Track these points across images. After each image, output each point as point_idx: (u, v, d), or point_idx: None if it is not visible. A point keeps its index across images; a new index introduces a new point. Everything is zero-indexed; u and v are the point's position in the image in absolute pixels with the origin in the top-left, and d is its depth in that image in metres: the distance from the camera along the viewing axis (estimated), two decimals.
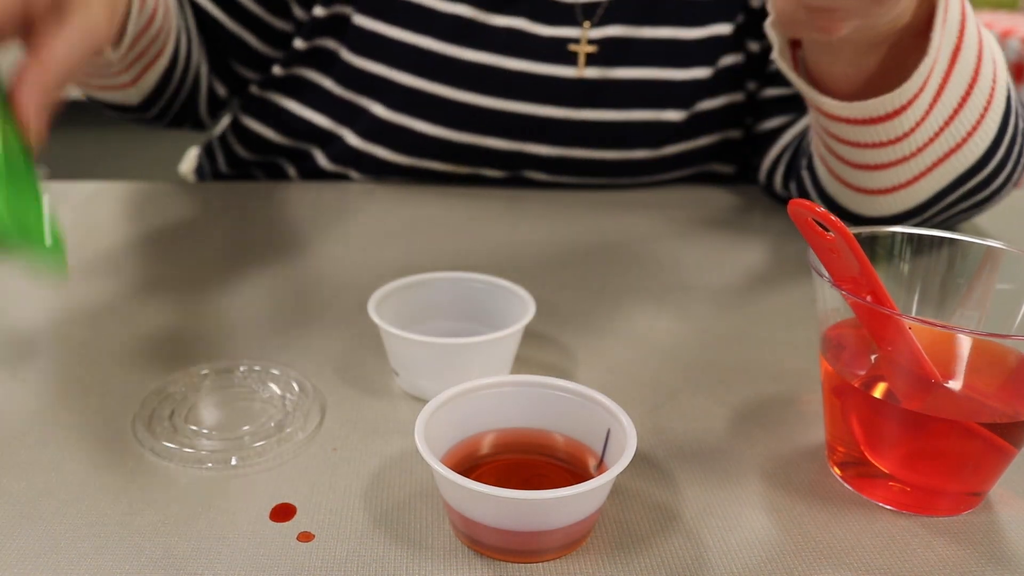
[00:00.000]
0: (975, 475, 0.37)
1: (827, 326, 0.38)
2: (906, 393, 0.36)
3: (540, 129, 0.71)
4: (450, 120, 0.71)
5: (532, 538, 0.33)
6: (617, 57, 0.70)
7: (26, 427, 0.41)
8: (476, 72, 0.69)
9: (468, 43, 0.69)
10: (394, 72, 0.70)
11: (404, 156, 0.74)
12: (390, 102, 0.71)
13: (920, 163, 0.54)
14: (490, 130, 0.71)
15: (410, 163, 0.74)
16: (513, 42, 0.69)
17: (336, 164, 0.75)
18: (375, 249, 0.63)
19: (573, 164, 0.74)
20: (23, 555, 0.33)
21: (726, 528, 0.36)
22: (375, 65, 0.70)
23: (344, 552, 0.34)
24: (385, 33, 0.69)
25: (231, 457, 0.39)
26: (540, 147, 0.73)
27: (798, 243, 0.66)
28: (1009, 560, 0.34)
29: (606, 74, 0.70)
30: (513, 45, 0.69)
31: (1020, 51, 1.56)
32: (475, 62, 0.69)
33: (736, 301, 0.56)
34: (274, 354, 0.48)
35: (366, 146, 0.74)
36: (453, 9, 0.68)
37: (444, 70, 0.69)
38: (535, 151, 0.73)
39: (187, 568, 0.33)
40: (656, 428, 0.42)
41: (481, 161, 0.74)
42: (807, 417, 0.44)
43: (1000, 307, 0.39)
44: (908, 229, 0.41)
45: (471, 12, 0.68)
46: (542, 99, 0.70)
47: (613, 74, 0.70)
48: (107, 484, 0.37)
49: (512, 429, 0.39)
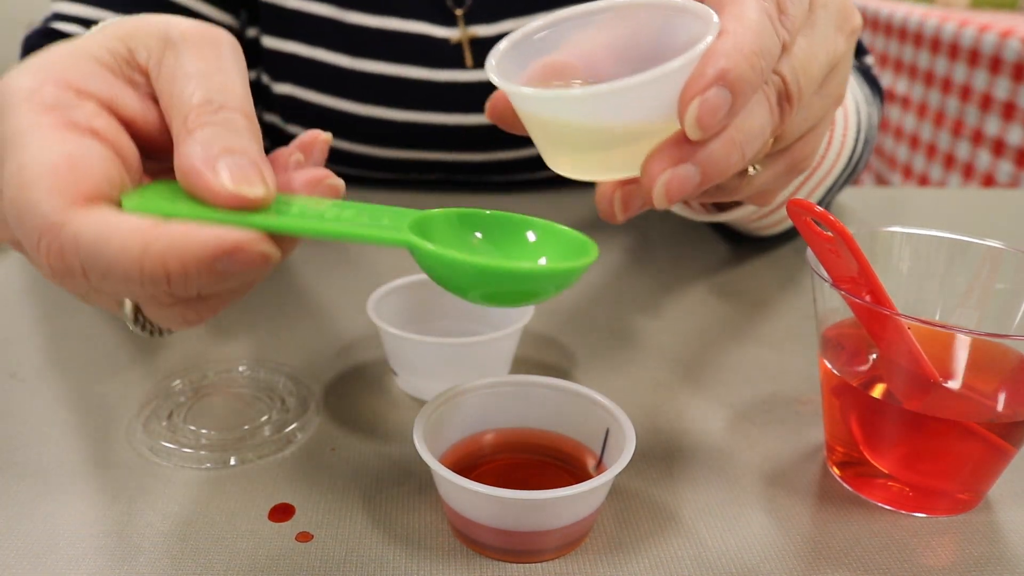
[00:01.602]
0: (975, 475, 0.37)
1: (826, 326, 0.38)
2: (905, 393, 0.36)
3: (450, 137, 0.71)
4: (361, 136, 0.71)
5: (531, 538, 0.33)
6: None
7: (26, 427, 0.41)
8: (378, 84, 0.69)
9: (371, 55, 0.68)
10: (299, 90, 0.70)
11: (345, 167, 0.75)
12: (305, 122, 0.71)
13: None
14: (394, 142, 0.72)
15: (355, 173, 0.75)
16: (411, 48, 0.68)
17: None
18: (374, 249, 0.63)
19: (499, 166, 0.74)
20: (23, 555, 0.33)
21: (725, 528, 0.36)
22: (283, 85, 0.70)
23: (343, 552, 0.34)
24: (290, 51, 0.68)
25: (230, 457, 0.39)
26: (454, 155, 0.73)
27: (797, 243, 0.66)
28: (1009, 560, 0.34)
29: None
30: (410, 51, 0.68)
31: (1020, 51, 1.55)
32: (379, 74, 0.68)
33: (736, 301, 0.56)
34: (273, 354, 0.48)
35: None
36: (350, 18, 0.67)
37: (349, 84, 0.69)
38: (453, 159, 0.73)
39: (186, 568, 0.33)
40: (655, 428, 0.42)
41: (414, 169, 0.75)
42: (807, 417, 0.44)
43: (1000, 307, 0.39)
44: (908, 229, 0.41)
45: (336, 13, 0.67)
46: (436, 106, 0.70)
47: None
48: (107, 484, 0.37)
49: (511, 429, 0.39)
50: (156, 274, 0.26)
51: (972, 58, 1.69)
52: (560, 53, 0.33)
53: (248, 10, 0.68)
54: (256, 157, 0.28)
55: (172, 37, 0.30)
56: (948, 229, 0.41)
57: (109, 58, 0.30)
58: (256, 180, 0.27)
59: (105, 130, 0.29)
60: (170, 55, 0.30)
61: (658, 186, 0.30)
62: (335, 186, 0.31)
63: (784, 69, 0.32)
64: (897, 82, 1.98)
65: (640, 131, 0.29)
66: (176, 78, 0.29)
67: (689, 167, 0.30)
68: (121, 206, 0.27)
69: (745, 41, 0.29)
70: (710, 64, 0.28)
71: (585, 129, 0.29)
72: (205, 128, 0.28)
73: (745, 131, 0.31)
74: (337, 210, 0.28)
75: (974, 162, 1.71)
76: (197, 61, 0.29)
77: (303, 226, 0.27)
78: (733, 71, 0.28)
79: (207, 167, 0.27)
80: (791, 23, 0.31)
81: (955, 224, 0.72)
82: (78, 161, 0.27)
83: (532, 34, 0.32)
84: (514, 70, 0.31)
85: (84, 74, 0.29)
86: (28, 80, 0.28)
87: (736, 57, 0.28)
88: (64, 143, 0.27)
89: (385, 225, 0.28)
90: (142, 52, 0.30)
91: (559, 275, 0.28)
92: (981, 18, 1.75)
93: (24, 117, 0.28)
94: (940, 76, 1.80)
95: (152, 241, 0.26)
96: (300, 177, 0.31)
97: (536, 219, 0.31)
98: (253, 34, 0.69)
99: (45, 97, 0.28)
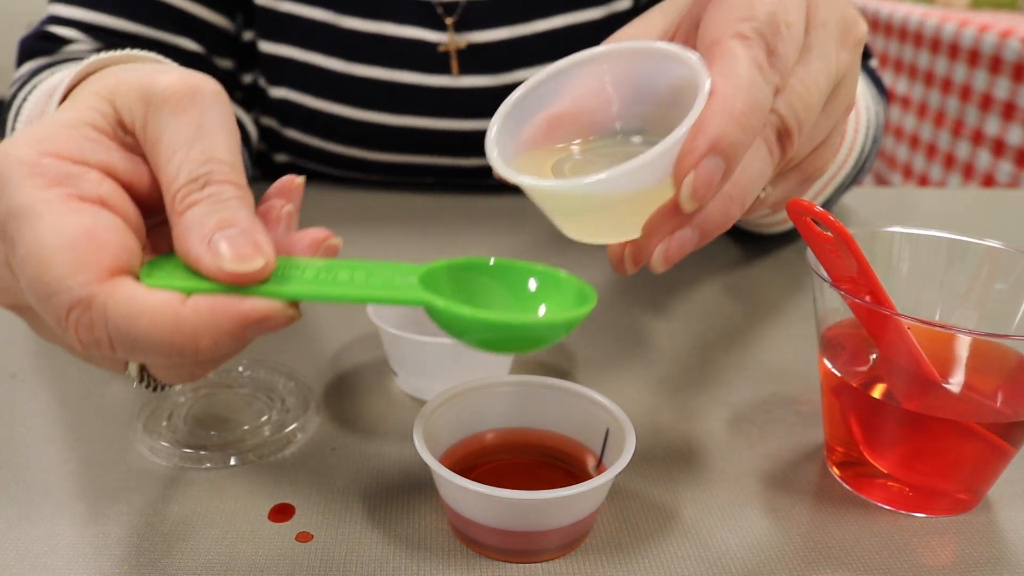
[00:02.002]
0: (974, 475, 0.37)
1: (826, 326, 0.38)
2: (905, 393, 0.36)
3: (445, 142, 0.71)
4: (357, 140, 0.71)
5: (531, 538, 0.33)
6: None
7: (26, 427, 0.41)
8: (373, 89, 0.69)
9: (366, 59, 0.68)
10: (295, 94, 0.70)
11: (341, 170, 0.75)
12: (301, 126, 0.71)
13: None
14: (390, 146, 0.72)
15: (351, 176, 0.75)
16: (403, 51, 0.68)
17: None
18: (374, 249, 0.63)
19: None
20: (23, 555, 0.33)
21: (725, 528, 0.36)
22: (280, 89, 0.70)
23: (342, 552, 0.34)
24: (286, 56, 0.68)
25: (230, 457, 0.39)
26: (449, 159, 0.73)
27: (798, 243, 0.66)
28: (1009, 560, 0.34)
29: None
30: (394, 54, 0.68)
31: (1020, 51, 1.56)
32: (373, 78, 0.68)
33: (736, 301, 0.56)
34: (273, 354, 0.48)
35: (302, 161, 0.75)
36: (346, 23, 0.67)
37: (340, 88, 0.69)
38: (452, 163, 0.73)
39: (186, 568, 0.33)
40: (655, 428, 0.42)
41: (409, 173, 0.75)
42: (806, 417, 0.44)
43: (1000, 307, 0.39)
44: (908, 229, 0.41)
45: (331, 17, 0.67)
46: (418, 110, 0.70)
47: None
48: (107, 484, 0.37)
49: (511, 429, 0.39)
50: (186, 349, 0.27)
51: (972, 58, 1.69)
52: (558, 102, 0.33)
53: (244, 13, 0.68)
54: (249, 226, 0.29)
55: (153, 98, 0.30)
56: (948, 229, 0.41)
57: (102, 121, 0.30)
58: (253, 253, 0.28)
59: (111, 198, 0.29)
60: (152, 119, 0.30)
61: (656, 254, 0.31)
62: (336, 246, 0.33)
63: (781, 107, 0.31)
64: (897, 82, 1.98)
65: (640, 198, 0.30)
66: (160, 149, 0.30)
67: (687, 231, 0.30)
68: (139, 278, 0.28)
69: (735, 103, 0.28)
70: (701, 135, 0.28)
71: (585, 202, 0.30)
72: (195, 208, 0.29)
73: (743, 185, 0.31)
74: (349, 272, 0.30)
75: (974, 162, 1.71)
76: (179, 127, 0.29)
77: (325, 292, 0.29)
78: (724, 139, 0.28)
79: (205, 250, 0.28)
80: (783, 63, 0.31)
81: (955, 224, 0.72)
82: (96, 234, 0.27)
83: (532, 90, 0.33)
84: (516, 128, 0.33)
85: (81, 142, 0.29)
86: (26, 153, 0.28)
87: (726, 123, 0.28)
88: (78, 215, 0.27)
89: (398, 285, 0.29)
90: (126, 114, 0.30)
91: (560, 326, 0.30)
92: (981, 18, 1.75)
93: (31, 192, 0.28)
94: (940, 76, 1.80)
95: (183, 321, 0.27)
96: (302, 242, 0.32)
97: (537, 266, 0.32)
98: (250, 37, 0.69)
99: (47, 170, 0.28)
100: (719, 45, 0.30)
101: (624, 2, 0.68)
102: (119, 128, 0.31)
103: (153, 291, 0.27)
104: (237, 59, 0.70)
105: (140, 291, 0.27)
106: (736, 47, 0.30)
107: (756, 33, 0.30)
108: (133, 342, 0.27)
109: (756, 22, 0.30)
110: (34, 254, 0.27)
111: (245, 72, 0.71)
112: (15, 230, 0.28)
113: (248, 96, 0.71)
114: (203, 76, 0.31)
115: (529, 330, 0.30)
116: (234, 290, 0.28)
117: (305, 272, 0.30)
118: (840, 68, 0.34)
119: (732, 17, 0.30)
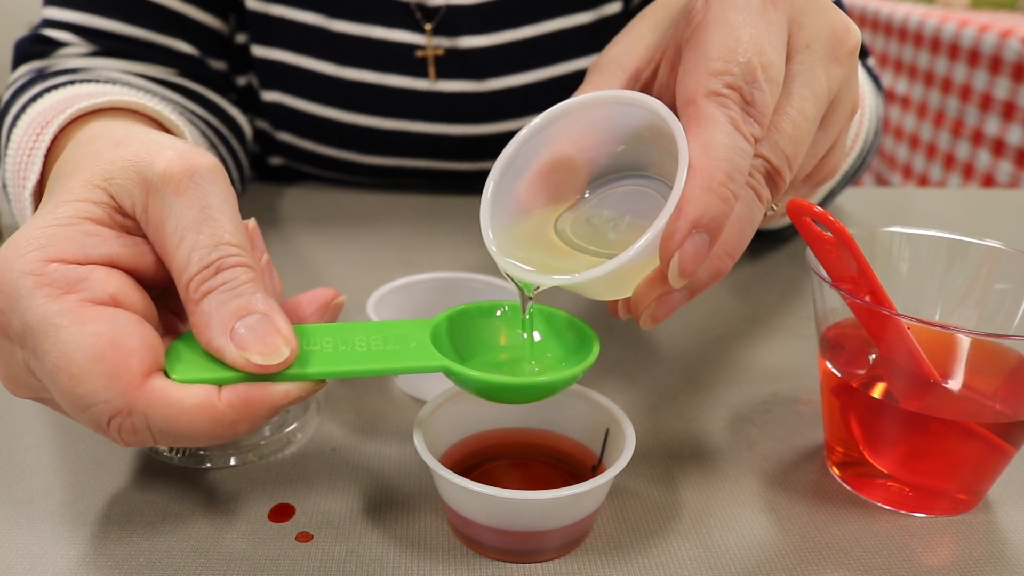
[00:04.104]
0: (974, 475, 0.37)
1: (826, 326, 0.38)
2: (905, 393, 0.36)
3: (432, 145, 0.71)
4: (348, 143, 0.71)
5: (530, 538, 0.33)
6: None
7: (26, 427, 0.41)
8: (364, 92, 0.69)
9: (355, 63, 0.68)
10: (287, 97, 0.70)
11: (334, 173, 0.75)
12: (294, 129, 0.71)
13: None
14: (377, 149, 0.72)
15: (345, 179, 0.76)
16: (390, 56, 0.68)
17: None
18: (374, 249, 0.63)
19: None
20: (23, 555, 0.33)
21: (725, 528, 0.36)
22: (272, 93, 0.70)
23: (342, 552, 0.34)
24: (277, 59, 0.68)
25: (230, 457, 0.39)
26: (439, 163, 0.73)
27: (797, 243, 0.66)
28: (1009, 560, 0.34)
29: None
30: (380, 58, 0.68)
31: (1020, 51, 1.56)
32: (362, 82, 0.68)
33: (736, 301, 0.56)
34: None
35: (295, 164, 0.75)
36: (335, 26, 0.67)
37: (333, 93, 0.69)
38: (440, 167, 0.73)
39: (186, 568, 0.33)
40: (655, 428, 0.42)
41: (401, 176, 0.75)
42: (806, 417, 0.44)
43: (999, 307, 0.39)
44: (908, 229, 0.41)
45: (322, 21, 0.67)
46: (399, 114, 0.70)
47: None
48: (107, 484, 0.37)
49: (511, 429, 0.39)
50: (225, 436, 0.29)
51: (972, 58, 1.69)
52: (554, 144, 0.34)
53: (237, 15, 0.68)
54: (266, 309, 0.30)
55: (152, 181, 0.30)
56: (948, 229, 0.41)
57: (98, 211, 0.30)
58: (277, 343, 0.29)
59: (121, 294, 0.29)
60: (154, 203, 0.30)
61: (644, 317, 0.32)
62: (341, 303, 0.35)
63: (765, 150, 0.31)
64: (897, 82, 1.98)
65: (630, 271, 0.31)
66: (166, 233, 0.30)
67: (675, 294, 0.31)
68: (167, 373, 0.29)
69: (714, 176, 0.28)
70: (682, 217, 0.28)
71: (581, 288, 0.33)
72: (211, 297, 0.29)
73: (731, 241, 0.31)
74: (364, 337, 0.33)
75: (974, 162, 1.71)
76: (183, 210, 0.30)
77: (348, 370, 0.31)
78: (705, 215, 0.28)
79: (227, 342, 0.29)
80: (761, 112, 0.30)
81: (955, 224, 0.72)
82: (119, 341, 0.28)
83: (520, 147, 0.34)
84: (511, 186, 0.35)
85: (82, 240, 0.29)
86: (31, 264, 0.28)
87: (705, 199, 0.28)
88: (96, 324, 0.28)
89: (415, 350, 0.32)
90: (126, 200, 0.30)
91: (567, 381, 0.33)
92: (981, 18, 1.75)
93: (44, 305, 0.28)
94: (940, 76, 1.80)
95: (221, 415, 0.28)
96: (310, 306, 0.34)
97: (540, 310, 0.36)
98: (242, 40, 0.69)
99: (54, 278, 0.28)
100: (694, 106, 0.30)
101: (614, 5, 0.68)
102: (117, 214, 0.31)
103: (186, 388, 0.28)
104: (231, 61, 0.70)
105: (175, 391, 0.28)
106: (711, 110, 0.29)
107: (731, 87, 0.30)
108: (175, 438, 0.29)
109: (730, 76, 0.30)
110: (63, 369, 0.27)
111: (239, 75, 0.71)
112: (35, 344, 0.28)
113: (242, 99, 0.71)
114: (199, 152, 0.31)
115: (540, 388, 0.33)
116: (261, 376, 0.29)
117: (323, 345, 0.32)
118: (832, 85, 0.33)
119: (707, 70, 0.30)
